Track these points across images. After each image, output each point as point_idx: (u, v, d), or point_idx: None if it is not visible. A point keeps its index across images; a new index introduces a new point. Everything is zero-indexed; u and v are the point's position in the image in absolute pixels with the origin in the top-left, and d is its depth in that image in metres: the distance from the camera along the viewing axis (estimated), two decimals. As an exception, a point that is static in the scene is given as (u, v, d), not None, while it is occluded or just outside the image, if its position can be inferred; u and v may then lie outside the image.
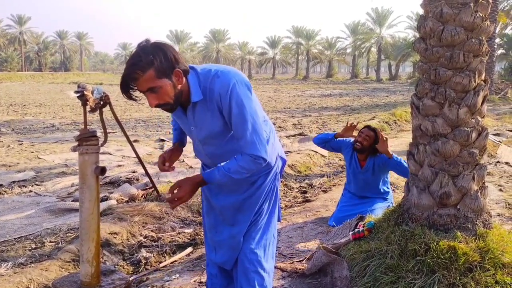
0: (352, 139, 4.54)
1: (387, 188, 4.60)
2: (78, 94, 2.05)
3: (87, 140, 2.10)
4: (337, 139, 4.66)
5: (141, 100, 2.02)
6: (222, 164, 2.11)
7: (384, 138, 4.16)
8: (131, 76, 1.88)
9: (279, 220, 2.58)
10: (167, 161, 2.41)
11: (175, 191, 2.12)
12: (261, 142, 2.06)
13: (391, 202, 4.50)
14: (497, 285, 2.49)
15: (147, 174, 2.42)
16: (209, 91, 2.02)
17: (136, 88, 1.92)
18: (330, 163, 7.91)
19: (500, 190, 5.65)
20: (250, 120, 2.02)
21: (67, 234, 4.04)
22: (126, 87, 1.92)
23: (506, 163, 7.21)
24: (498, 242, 2.71)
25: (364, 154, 4.41)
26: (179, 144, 2.52)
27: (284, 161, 2.45)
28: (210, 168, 2.24)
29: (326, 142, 4.73)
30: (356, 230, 3.28)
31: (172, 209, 2.18)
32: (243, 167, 2.07)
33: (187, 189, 2.11)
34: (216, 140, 2.16)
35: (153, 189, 2.55)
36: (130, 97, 1.97)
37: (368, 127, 4.47)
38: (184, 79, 1.98)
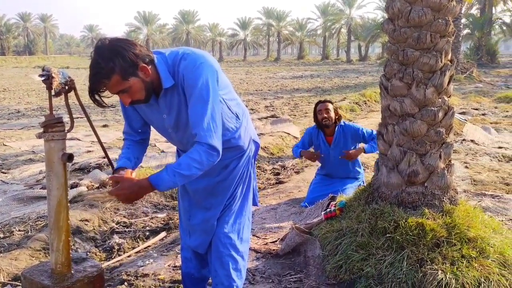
0: (312, 127, 4.69)
1: (359, 168, 4.68)
2: (43, 78, 1.99)
3: (52, 127, 2.04)
4: (302, 138, 4.84)
5: (113, 105, 2.01)
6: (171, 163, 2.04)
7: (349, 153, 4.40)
8: (98, 85, 1.87)
9: (256, 204, 2.58)
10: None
11: (117, 186, 2.00)
12: (217, 133, 1.98)
13: (363, 181, 4.58)
14: (463, 259, 2.58)
15: (109, 162, 2.36)
16: (177, 74, 1.99)
17: (104, 91, 1.92)
18: (302, 145, 7.97)
19: (466, 167, 5.83)
20: (210, 106, 1.95)
21: (37, 222, 3.96)
22: (94, 96, 1.91)
23: (472, 141, 7.43)
24: (464, 217, 2.80)
25: (332, 128, 4.49)
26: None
27: (257, 145, 2.44)
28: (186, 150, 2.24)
29: (301, 147, 4.81)
30: (328, 209, 3.33)
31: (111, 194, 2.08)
32: (195, 159, 1.94)
33: (127, 191, 1.96)
34: (187, 124, 2.12)
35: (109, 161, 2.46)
36: (100, 105, 1.96)
37: (319, 102, 4.56)
38: (151, 68, 1.95)
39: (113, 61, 1.83)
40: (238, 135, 2.24)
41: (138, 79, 1.90)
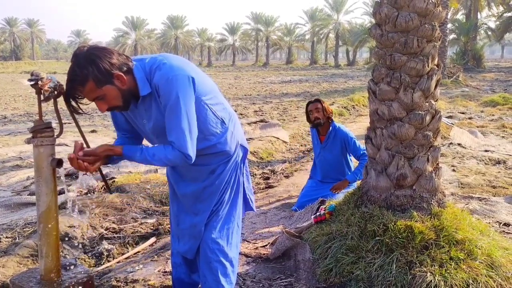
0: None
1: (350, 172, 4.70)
2: (32, 83, 1.98)
3: (42, 132, 2.03)
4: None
5: (89, 112, 2.03)
6: (149, 147, 2.11)
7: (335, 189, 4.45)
8: (73, 91, 1.94)
9: (252, 209, 2.59)
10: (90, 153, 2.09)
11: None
12: (192, 141, 2.04)
13: (353, 186, 4.60)
14: (451, 261, 2.61)
15: (99, 169, 2.36)
16: (154, 83, 2.02)
17: (83, 97, 1.97)
18: (292, 149, 8.00)
19: (453, 170, 5.89)
20: (184, 117, 1.99)
21: (24, 229, 3.91)
22: (69, 101, 1.97)
23: (459, 144, 7.51)
24: (452, 220, 2.84)
25: (325, 127, 4.53)
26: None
27: (245, 150, 2.44)
28: None
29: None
30: (317, 213, 3.35)
31: (76, 168, 2.07)
32: (169, 160, 2.04)
33: (98, 149, 2.06)
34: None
35: (105, 182, 2.48)
36: (76, 111, 2.01)
37: (310, 102, 4.59)
38: (128, 78, 1.99)
39: (87, 69, 1.89)
40: (224, 140, 2.24)
41: (113, 87, 1.95)
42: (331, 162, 4.56)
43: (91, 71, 1.88)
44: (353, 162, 4.72)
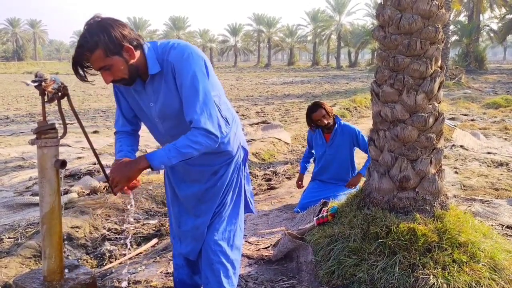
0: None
1: (354, 174, 4.69)
2: (35, 84, 1.98)
3: (46, 133, 2.04)
4: (307, 142, 4.97)
5: (94, 82, 2.04)
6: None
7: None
8: (81, 57, 1.90)
9: (251, 211, 2.57)
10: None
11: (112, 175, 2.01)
12: (212, 119, 1.99)
13: (356, 188, 4.60)
14: (454, 263, 2.60)
15: (102, 169, 2.36)
16: (166, 63, 2.01)
17: (90, 67, 1.94)
18: (294, 150, 8.00)
19: (456, 172, 5.88)
20: (202, 93, 1.97)
21: (27, 230, 3.92)
22: (77, 68, 1.93)
23: (461, 146, 7.50)
24: (455, 222, 2.83)
25: (331, 130, 4.55)
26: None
27: (246, 152, 2.43)
28: None
29: (307, 158, 4.99)
30: (320, 215, 3.34)
31: (114, 194, 2.08)
32: (192, 140, 1.96)
33: (122, 167, 1.98)
34: (174, 115, 2.11)
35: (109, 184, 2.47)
36: (82, 79, 1.97)
37: (311, 110, 4.54)
38: (137, 53, 1.97)
39: (98, 36, 1.86)
40: (228, 140, 2.23)
41: (121, 59, 1.93)
42: (337, 160, 4.56)
43: (102, 39, 1.86)
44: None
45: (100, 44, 1.86)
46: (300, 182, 4.80)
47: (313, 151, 4.90)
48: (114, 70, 1.94)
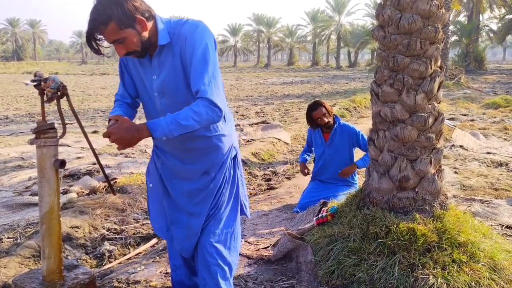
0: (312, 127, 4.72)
1: (355, 175, 4.70)
2: (35, 83, 1.98)
3: (45, 133, 2.04)
4: (307, 139, 4.96)
5: (108, 54, 2.08)
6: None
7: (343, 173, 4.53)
8: (94, 30, 1.91)
9: (245, 215, 2.54)
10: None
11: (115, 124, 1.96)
12: (219, 91, 1.99)
13: (356, 186, 4.60)
14: (454, 263, 2.60)
15: (102, 170, 2.36)
16: (177, 36, 2.03)
17: (103, 40, 1.95)
18: (293, 150, 8.00)
19: (455, 172, 5.88)
20: (211, 66, 1.98)
21: (26, 230, 3.92)
22: (91, 41, 1.94)
23: (461, 146, 7.50)
24: (454, 222, 2.83)
25: (331, 129, 4.57)
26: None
27: (238, 154, 2.41)
28: (163, 149, 2.25)
29: (307, 152, 4.96)
30: (319, 215, 3.34)
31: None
32: (194, 111, 1.92)
33: (124, 131, 1.90)
34: (174, 91, 2.11)
35: (109, 184, 2.46)
36: (97, 52, 1.98)
37: (311, 109, 4.55)
38: (150, 25, 1.99)
39: (111, 9, 1.87)
40: (221, 136, 2.23)
41: (134, 31, 1.94)
42: (337, 159, 4.56)
43: (115, 12, 1.87)
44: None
45: (114, 17, 1.87)
46: (306, 170, 4.76)
47: (312, 149, 4.90)
48: (127, 42, 1.95)
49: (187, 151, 2.21)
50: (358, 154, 4.72)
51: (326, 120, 4.46)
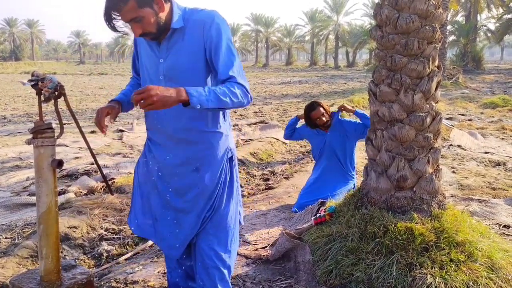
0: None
1: (353, 171, 4.70)
2: (32, 83, 1.98)
3: (42, 133, 2.03)
4: (300, 128, 4.86)
5: (125, 32, 2.08)
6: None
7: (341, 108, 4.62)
8: (114, 7, 1.92)
9: (240, 222, 2.49)
10: (111, 114, 2.21)
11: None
12: (246, 83, 2.05)
13: (354, 186, 4.60)
14: (451, 263, 2.61)
15: (100, 170, 2.35)
16: (192, 22, 2.05)
17: (119, 18, 1.96)
18: (292, 150, 8.00)
19: (453, 172, 5.89)
20: (237, 59, 2.05)
21: (24, 230, 3.91)
22: (109, 18, 1.95)
23: (458, 146, 7.51)
24: (452, 222, 2.83)
25: (329, 128, 4.60)
26: (120, 103, 2.32)
27: (234, 156, 2.38)
28: (157, 142, 2.24)
29: (293, 129, 4.88)
30: (317, 215, 3.34)
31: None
32: (233, 92, 1.93)
33: (163, 90, 1.78)
34: (180, 75, 2.10)
35: (107, 184, 2.44)
36: (114, 29, 2.01)
37: (310, 109, 4.56)
38: (166, 6, 2.01)
39: None
40: (218, 134, 2.21)
41: (152, 11, 1.96)
42: (336, 154, 4.59)
43: None
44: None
45: None
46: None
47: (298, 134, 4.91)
48: (144, 22, 1.96)
49: (180, 145, 2.18)
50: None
51: (324, 119, 4.49)
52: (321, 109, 4.49)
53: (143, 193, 2.41)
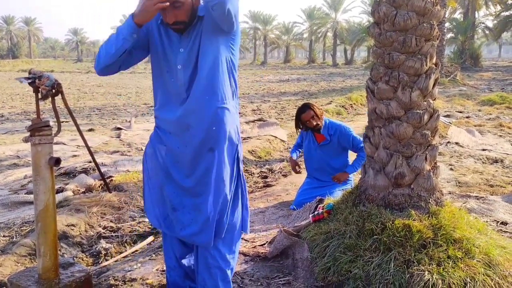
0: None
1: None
2: (29, 81, 1.98)
3: (40, 130, 2.03)
4: (298, 138, 4.96)
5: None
6: None
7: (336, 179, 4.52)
8: None
9: (245, 231, 2.50)
10: None
11: None
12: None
13: (351, 183, 4.61)
14: (449, 259, 2.61)
15: (97, 168, 2.35)
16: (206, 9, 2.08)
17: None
18: (290, 148, 7.99)
19: (451, 169, 5.90)
20: None
21: (22, 228, 3.91)
22: None
23: (456, 143, 7.53)
24: (450, 219, 2.84)
25: (320, 131, 4.56)
26: None
27: (240, 148, 2.39)
28: (165, 130, 2.24)
29: (298, 147, 4.96)
30: (316, 212, 3.35)
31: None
32: None
33: None
34: (201, 62, 2.12)
35: (105, 182, 2.44)
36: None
37: (300, 112, 4.53)
38: None
39: None
40: (226, 109, 2.21)
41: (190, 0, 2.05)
42: (328, 157, 4.58)
43: None
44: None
45: None
46: (297, 167, 4.72)
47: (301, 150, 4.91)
48: (182, 9, 2.01)
49: (189, 129, 2.18)
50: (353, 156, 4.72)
51: (314, 123, 4.43)
52: (312, 112, 4.44)
53: (154, 185, 2.38)
